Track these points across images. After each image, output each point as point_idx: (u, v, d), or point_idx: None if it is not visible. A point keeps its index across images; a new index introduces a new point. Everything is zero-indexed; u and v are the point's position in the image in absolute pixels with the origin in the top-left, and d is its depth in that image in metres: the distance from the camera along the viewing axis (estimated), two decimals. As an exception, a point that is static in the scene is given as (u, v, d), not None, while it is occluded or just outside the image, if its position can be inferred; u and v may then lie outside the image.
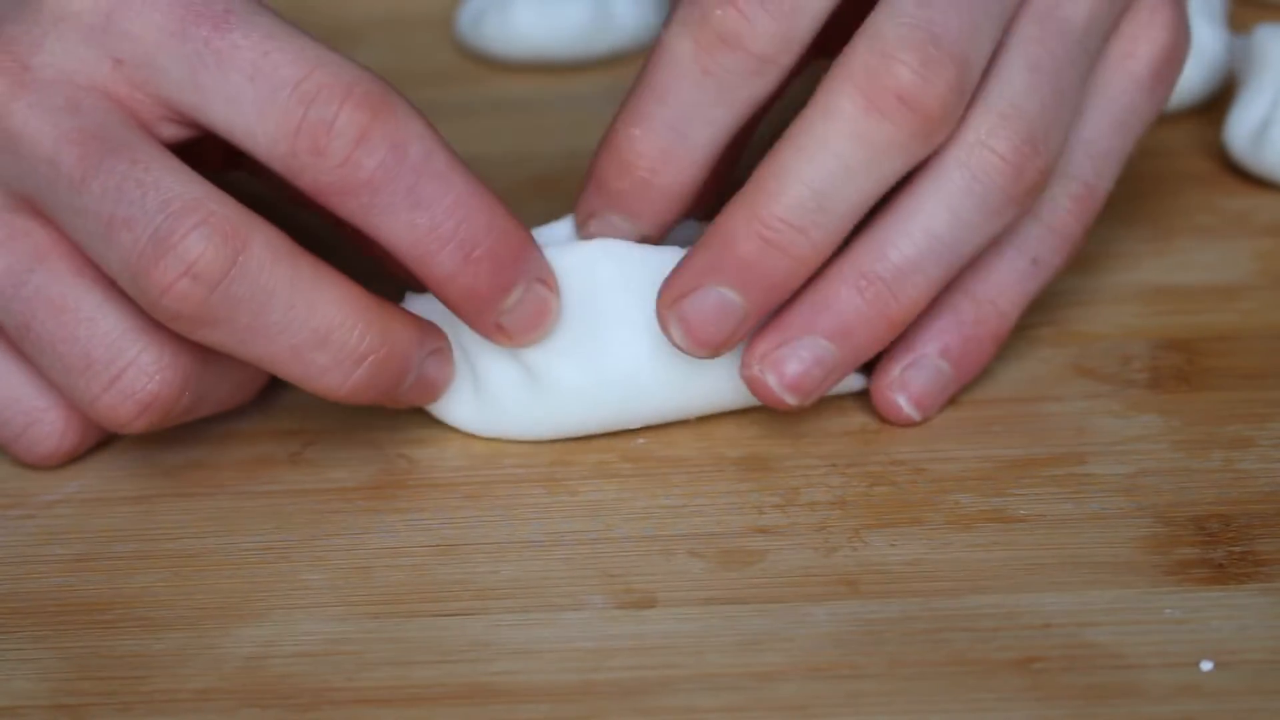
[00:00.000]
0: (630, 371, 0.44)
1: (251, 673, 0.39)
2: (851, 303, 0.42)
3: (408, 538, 0.43)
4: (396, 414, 0.47)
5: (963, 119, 0.42)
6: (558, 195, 0.57)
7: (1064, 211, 0.45)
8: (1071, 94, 0.44)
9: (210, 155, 0.45)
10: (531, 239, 0.43)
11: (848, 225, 0.42)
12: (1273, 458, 0.44)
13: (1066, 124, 0.44)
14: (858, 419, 0.46)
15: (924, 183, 0.42)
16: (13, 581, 0.42)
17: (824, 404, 0.46)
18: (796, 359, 0.43)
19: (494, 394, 0.45)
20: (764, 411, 0.46)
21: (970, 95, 0.42)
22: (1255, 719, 0.37)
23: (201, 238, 0.39)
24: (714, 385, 0.45)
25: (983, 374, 0.46)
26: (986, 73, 0.42)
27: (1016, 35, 0.43)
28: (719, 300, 0.42)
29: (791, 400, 0.43)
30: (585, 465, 0.45)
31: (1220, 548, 0.41)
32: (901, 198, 0.42)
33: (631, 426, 0.45)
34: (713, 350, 0.43)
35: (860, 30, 0.41)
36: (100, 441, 0.46)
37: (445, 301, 0.42)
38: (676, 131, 0.42)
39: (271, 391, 0.48)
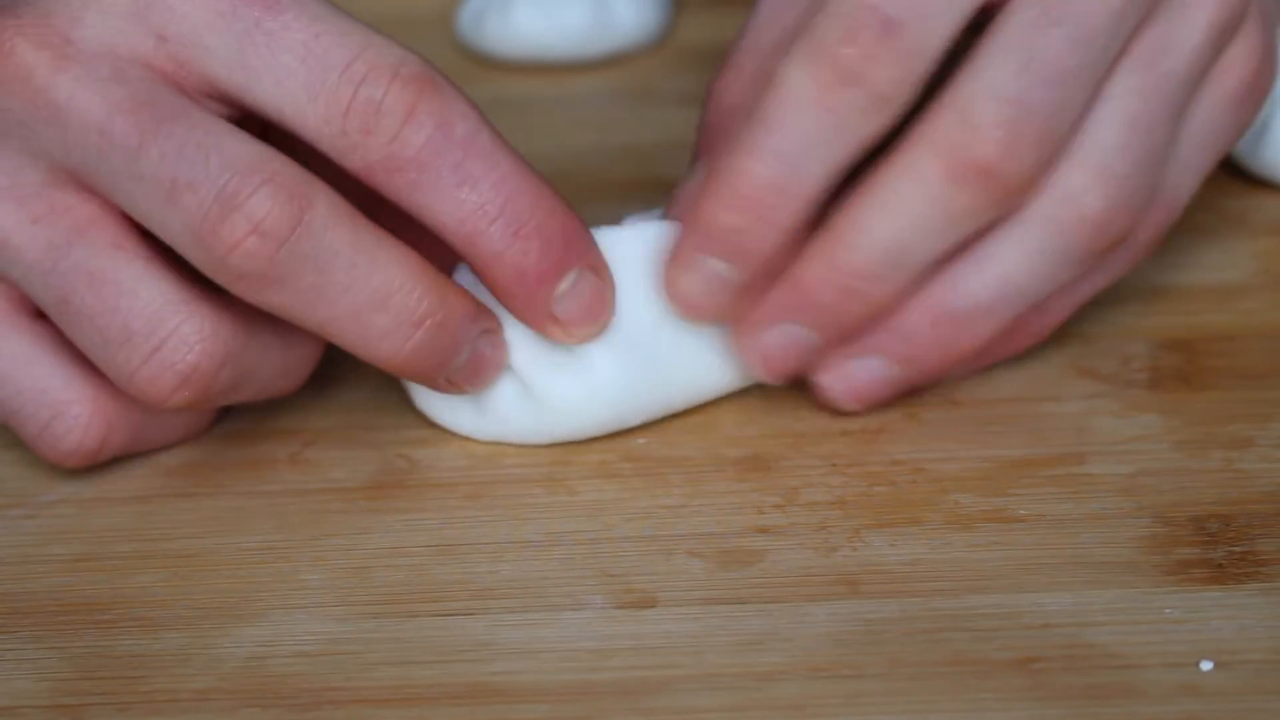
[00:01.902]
0: (616, 380, 0.44)
1: (251, 673, 0.39)
2: (923, 334, 0.43)
3: (407, 538, 0.43)
4: (396, 414, 0.47)
5: (1053, 167, 0.42)
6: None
7: (1143, 221, 0.44)
8: (1165, 147, 0.43)
9: None
10: (582, 223, 0.43)
11: (922, 273, 0.42)
12: (1273, 458, 0.44)
13: (1156, 179, 0.43)
14: (858, 419, 0.46)
15: (1008, 229, 0.42)
16: (13, 581, 0.42)
17: (824, 404, 0.46)
18: (862, 374, 0.44)
19: (492, 402, 0.45)
20: (764, 411, 0.46)
21: (1052, 162, 0.42)
22: (1255, 719, 0.37)
23: (268, 195, 0.40)
24: (699, 382, 0.45)
25: (982, 374, 0.46)
26: (1082, 122, 0.42)
27: (1117, 85, 0.42)
28: (795, 335, 0.43)
29: (852, 408, 0.45)
30: (585, 465, 0.45)
31: (1220, 548, 0.41)
32: (984, 240, 0.42)
33: (627, 427, 0.45)
34: (785, 378, 0.44)
35: (949, 93, 0.41)
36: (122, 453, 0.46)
37: (495, 286, 0.42)
38: (790, 166, 0.41)
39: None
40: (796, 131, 0.41)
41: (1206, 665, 0.38)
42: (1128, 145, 0.42)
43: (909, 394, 0.46)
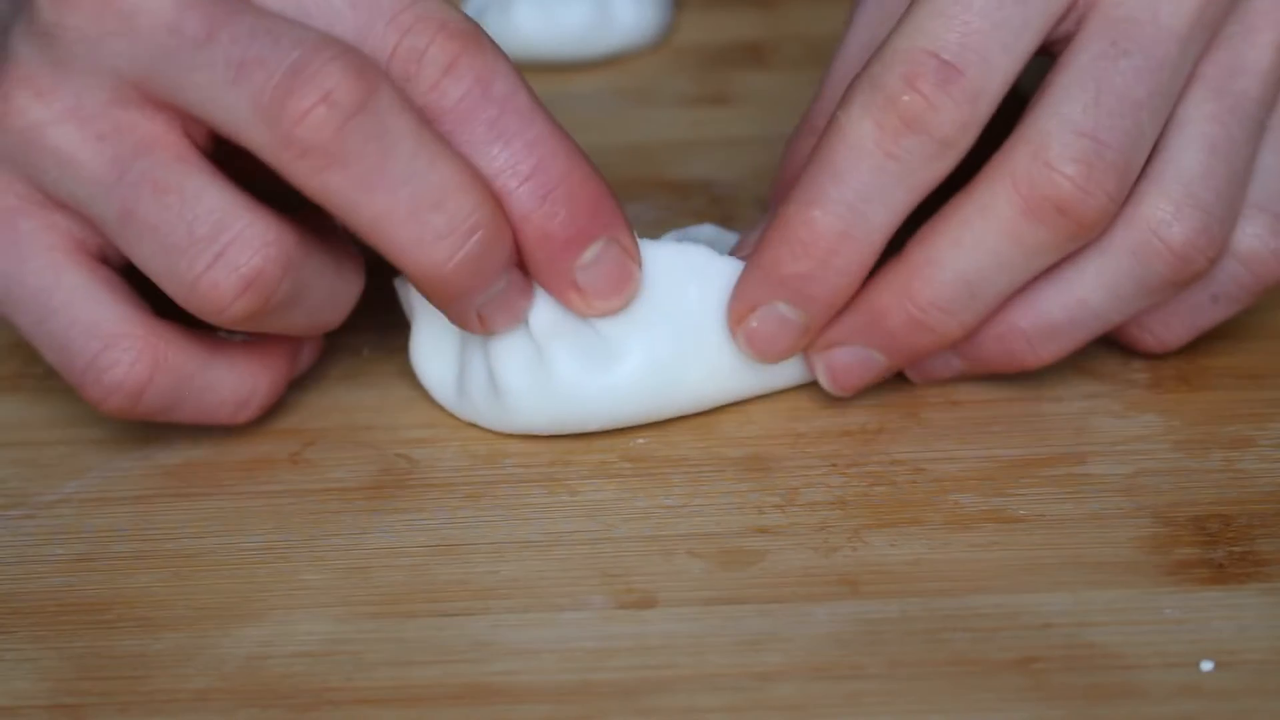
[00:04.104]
0: (572, 380, 0.44)
1: (251, 673, 0.39)
2: (991, 344, 0.44)
3: (407, 538, 0.43)
4: (396, 414, 0.47)
5: (1135, 195, 0.42)
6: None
7: (1266, 249, 0.44)
8: (1246, 173, 0.43)
9: None
10: (612, 194, 0.43)
11: (996, 305, 0.43)
12: (1273, 458, 0.44)
13: (1239, 205, 0.43)
14: (858, 419, 0.46)
15: (1089, 255, 0.43)
16: (13, 581, 0.42)
17: (824, 404, 0.46)
18: (932, 362, 0.46)
19: (467, 384, 0.45)
20: (764, 411, 0.46)
21: (1129, 190, 0.42)
22: (1255, 719, 0.37)
23: (338, 69, 0.39)
24: (711, 390, 0.45)
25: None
26: (1160, 148, 0.42)
27: (1193, 110, 0.43)
28: (864, 357, 0.44)
29: (921, 383, 0.46)
30: (585, 465, 0.45)
31: (1220, 548, 0.41)
32: (1064, 263, 0.43)
33: (586, 430, 0.45)
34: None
35: (1023, 128, 0.41)
36: (108, 441, 0.46)
37: (520, 249, 0.42)
38: (856, 213, 0.42)
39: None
40: (861, 180, 0.41)
41: (1206, 665, 0.38)
42: (1210, 172, 0.42)
43: (912, 393, 0.46)
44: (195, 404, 0.44)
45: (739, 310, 0.44)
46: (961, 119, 0.41)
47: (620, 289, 0.43)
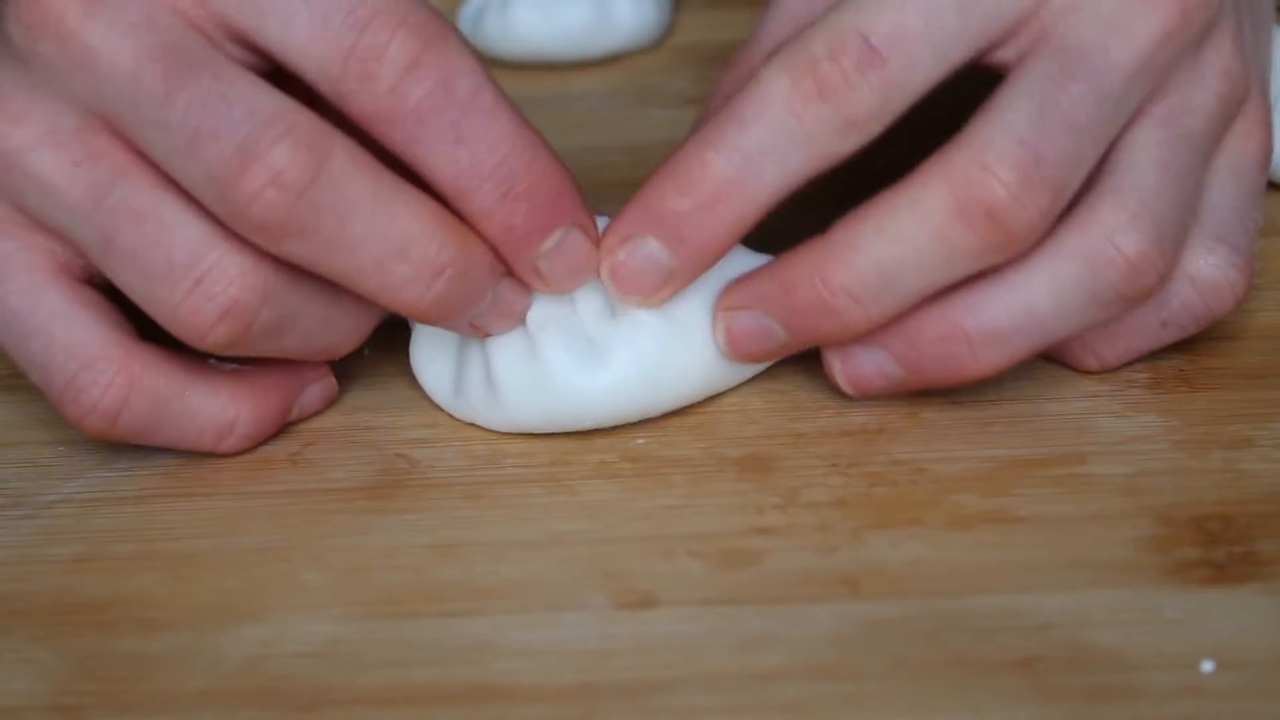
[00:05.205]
0: (563, 374, 0.44)
1: (251, 673, 0.39)
2: (930, 346, 0.43)
3: (407, 538, 0.43)
4: (396, 414, 0.47)
5: (1087, 204, 0.42)
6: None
7: (1225, 280, 0.45)
8: (1194, 198, 0.44)
9: None
10: (574, 183, 0.43)
11: (907, 306, 0.43)
12: (1273, 458, 0.44)
13: (1187, 228, 0.44)
14: (858, 419, 0.46)
15: (1039, 260, 0.42)
16: (13, 581, 0.42)
17: (824, 404, 0.46)
18: (866, 364, 0.44)
19: (464, 382, 0.45)
20: (764, 411, 0.46)
21: (1058, 215, 0.42)
22: (1255, 719, 0.37)
23: (287, 147, 0.40)
24: (648, 395, 0.45)
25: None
26: (1108, 168, 0.43)
27: (1142, 137, 0.43)
28: (764, 327, 0.44)
29: (849, 392, 0.45)
30: (585, 465, 0.45)
31: (1221, 548, 0.41)
32: (1012, 267, 0.42)
33: (580, 427, 0.45)
34: (745, 360, 0.45)
35: (966, 133, 0.42)
36: (108, 442, 0.46)
37: (485, 238, 0.42)
38: (751, 164, 0.42)
39: (271, 391, 0.48)
40: (762, 133, 0.42)
41: (1207, 665, 0.38)
42: (1164, 188, 0.43)
43: (912, 394, 0.46)
44: (175, 429, 0.45)
45: (610, 241, 0.44)
46: (872, 105, 0.41)
47: (579, 273, 0.44)
